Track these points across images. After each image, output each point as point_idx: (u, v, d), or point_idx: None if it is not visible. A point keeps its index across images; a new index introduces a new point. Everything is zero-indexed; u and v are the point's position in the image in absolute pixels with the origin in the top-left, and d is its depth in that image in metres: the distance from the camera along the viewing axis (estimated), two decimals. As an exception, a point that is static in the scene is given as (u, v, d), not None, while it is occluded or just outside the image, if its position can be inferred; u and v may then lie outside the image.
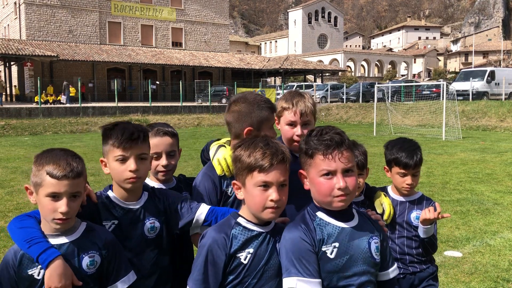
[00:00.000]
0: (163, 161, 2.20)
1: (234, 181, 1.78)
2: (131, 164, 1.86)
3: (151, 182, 2.28)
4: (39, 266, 1.67)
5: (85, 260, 1.74)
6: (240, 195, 1.76)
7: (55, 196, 1.66)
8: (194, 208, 1.99)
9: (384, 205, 2.44)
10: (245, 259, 1.70)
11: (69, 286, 1.65)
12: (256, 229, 1.73)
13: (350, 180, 1.65)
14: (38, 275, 1.67)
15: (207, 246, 1.69)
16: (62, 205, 1.66)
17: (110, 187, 2.00)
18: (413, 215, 2.52)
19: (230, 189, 2.11)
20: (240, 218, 1.75)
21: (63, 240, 1.72)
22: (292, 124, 2.22)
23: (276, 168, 1.66)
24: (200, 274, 1.67)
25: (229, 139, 2.24)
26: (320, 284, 1.61)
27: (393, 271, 1.81)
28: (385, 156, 2.58)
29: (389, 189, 2.63)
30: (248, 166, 1.67)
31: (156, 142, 2.20)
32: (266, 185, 1.66)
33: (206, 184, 2.12)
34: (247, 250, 1.70)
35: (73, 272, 1.71)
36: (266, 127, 2.11)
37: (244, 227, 1.73)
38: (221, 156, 2.11)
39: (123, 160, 1.87)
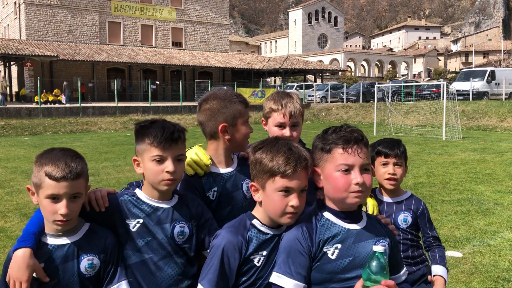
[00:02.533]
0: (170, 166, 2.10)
1: (252, 183, 1.75)
2: (169, 165, 1.78)
3: None
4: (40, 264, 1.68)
5: (84, 263, 1.72)
6: (257, 197, 1.73)
7: (54, 198, 1.64)
8: (213, 231, 1.87)
9: (367, 205, 2.38)
10: (258, 262, 1.70)
11: (26, 282, 1.59)
12: (270, 232, 1.73)
13: (366, 177, 1.62)
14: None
15: (222, 247, 1.67)
16: (61, 207, 1.64)
17: (139, 186, 1.91)
18: (400, 217, 2.47)
19: (211, 193, 2.04)
20: (255, 220, 1.74)
21: (64, 241, 1.71)
22: (281, 125, 2.19)
23: (299, 174, 1.64)
24: (215, 276, 1.65)
25: (199, 145, 2.15)
26: (297, 286, 1.59)
27: (404, 274, 1.80)
28: (370, 154, 2.57)
29: (377, 191, 2.59)
30: (270, 170, 1.65)
31: None
32: (287, 191, 1.64)
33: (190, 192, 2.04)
34: (260, 253, 1.70)
35: (72, 273, 1.70)
36: (241, 122, 2.04)
37: (259, 230, 1.72)
38: (189, 157, 2.02)
39: (161, 160, 1.78)
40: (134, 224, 1.82)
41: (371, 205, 2.38)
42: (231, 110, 2.02)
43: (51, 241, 1.70)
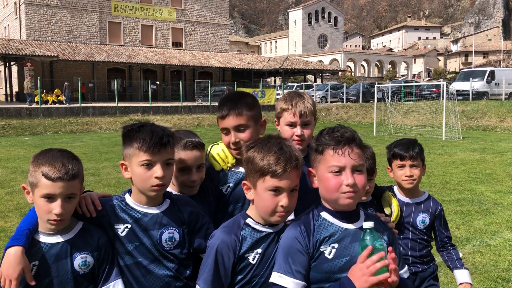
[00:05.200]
0: (193, 176, 2.07)
1: (245, 182, 1.77)
2: (157, 170, 1.75)
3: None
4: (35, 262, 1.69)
5: (77, 260, 1.73)
6: (249, 195, 1.76)
7: (49, 198, 1.65)
8: (209, 235, 1.87)
9: (392, 206, 2.43)
10: (253, 259, 1.71)
11: (15, 280, 1.59)
12: (265, 230, 1.74)
13: (359, 178, 1.62)
14: (31, 271, 1.69)
15: (216, 247, 1.69)
16: (56, 207, 1.65)
17: (129, 191, 1.89)
18: (419, 218, 2.53)
19: (225, 188, 2.12)
20: (249, 219, 1.76)
21: (58, 239, 1.73)
22: (291, 124, 2.21)
23: (289, 174, 1.65)
24: (210, 275, 1.67)
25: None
26: (297, 284, 1.60)
27: (405, 272, 1.80)
28: (387, 156, 2.61)
29: (395, 189, 2.63)
30: (261, 170, 1.66)
31: (184, 156, 2.07)
32: (277, 190, 1.66)
33: (208, 185, 2.14)
34: (255, 251, 1.72)
35: (65, 271, 1.71)
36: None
37: (253, 228, 1.74)
38: (215, 152, 2.13)
39: (149, 165, 1.75)
40: (122, 229, 1.81)
41: (395, 206, 2.44)
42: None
43: (45, 239, 1.72)
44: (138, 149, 1.75)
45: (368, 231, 1.50)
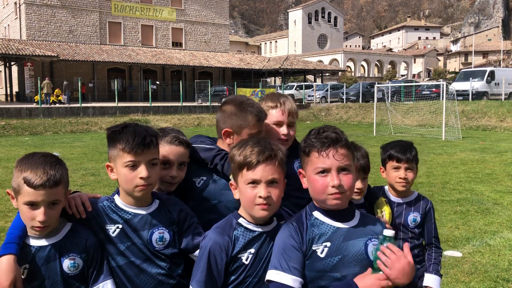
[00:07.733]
0: (173, 171, 2.06)
1: (231, 182, 1.79)
2: (142, 170, 1.74)
3: None
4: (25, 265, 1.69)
5: (66, 263, 1.73)
6: (236, 195, 1.77)
7: (32, 205, 1.63)
8: (197, 235, 1.90)
9: (384, 213, 2.42)
10: (246, 260, 1.72)
11: (8, 287, 1.60)
12: (257, 229, 1.75)
13: (345, 179, 1.63)
14: (23, 273, 1.68)
15: (209, 248, 1.70)
16: (39, 214, 1.63)
17: (118, 192, 1.89)
18: (410, 217, 2.55)
19: (198, 180, 2.10)
20: (241, 218, 1.76)
21: (45, 242, 1.72)
22: (278, 124, 2.20)
23: (263, 165, 1.67)
24: (203, 276, 1.68)
25: None
26: (295, 280, 1.60)
27: None
28: (381, 156, 2.62)
29: (386, 189, 2.64)
30: (239, 165, 1.70)
31: (169, 151, 2.07)
32: (254, 182, 1.67)
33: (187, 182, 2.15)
34: (248, 251, 1.72)
35: (55, 273, 1.71)
36: (247, 132, 2.06)
37: (246, 228, 1.74)
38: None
39: (134, 166, 1.75)
40: (113, 229, 1.81)
41: (387, 213, 2.42)
42: (239, 119, 2.06)
43: (34, 242, 1.71)
44: (121, 150, 1.75)
45: (387, 238, 1.56)
